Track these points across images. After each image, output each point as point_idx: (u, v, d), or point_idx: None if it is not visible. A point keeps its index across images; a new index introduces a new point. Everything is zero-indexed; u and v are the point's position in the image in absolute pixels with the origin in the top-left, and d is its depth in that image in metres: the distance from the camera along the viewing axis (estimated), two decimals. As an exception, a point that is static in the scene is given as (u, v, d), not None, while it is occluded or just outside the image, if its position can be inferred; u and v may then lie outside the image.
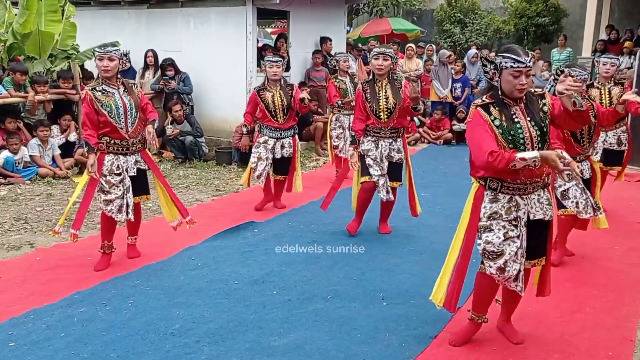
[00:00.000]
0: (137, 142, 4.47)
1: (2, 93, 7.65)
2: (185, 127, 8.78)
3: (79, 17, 9.52)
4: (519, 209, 3.21)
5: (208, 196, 6.85)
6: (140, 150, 4.52)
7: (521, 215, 3.22)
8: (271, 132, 5.96)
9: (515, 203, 3.21)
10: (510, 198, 3.21)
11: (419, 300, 4.05)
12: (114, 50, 4.37)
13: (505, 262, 3.18)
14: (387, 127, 5.14)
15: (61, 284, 4.23)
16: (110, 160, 4.38)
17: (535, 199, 3.25)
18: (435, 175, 7.81)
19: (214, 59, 9.26)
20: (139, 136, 4.48)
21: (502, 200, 3.22)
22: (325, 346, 3.43)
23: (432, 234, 5.46)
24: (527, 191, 3.21)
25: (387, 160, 5.19)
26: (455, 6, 16.38)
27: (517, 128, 3.11)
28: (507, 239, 3.19)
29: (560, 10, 15.33)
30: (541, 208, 3.26)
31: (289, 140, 6.01)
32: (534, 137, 3.14)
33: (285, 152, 5.99)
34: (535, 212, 3.25)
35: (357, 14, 16.65)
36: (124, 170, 4.42)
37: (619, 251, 5.17)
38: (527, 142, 3.13)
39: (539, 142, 3.16)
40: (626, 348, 3.51)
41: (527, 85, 3.11)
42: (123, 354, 3.31)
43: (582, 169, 4.73)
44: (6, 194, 6.64)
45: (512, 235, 3.19)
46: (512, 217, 3.20)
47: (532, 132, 3.14)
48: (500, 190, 3.21)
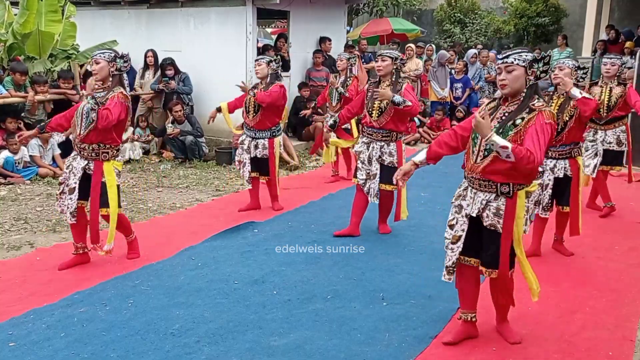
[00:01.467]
0: (89, 148, 4.34)
1: (2, 93, 7.65)
2: (186, 126, 8.78)
3: (79, 17, 9.53)
4: (465, 199, 3.34)
5: (208, 196, 6.86)
6: (95, 159, 4.37)
7: (463, 206, 3.34)
8: (247, 130, 6.05)
9: (465, 193, 3.35)
10: (465, 187, 3.37)
11: (419, 300, 4.05)
12: (99, 53, 4.36)
13: (446, 246, 3.40)
14: (379, 129, 5.16)
15: (61, 284, 4.23)
16: (70, 158, 4.50)
17: (482, 198, 3.25)
18: (435, 175, 7.80)
19: (214, 59, 9.25)
20: (94, 144, 4.33)
21: (462, 186, 3.40)
22: (325, 346, 3.43)
23: (432, 234, 5.45)
24: (473, 185, 3.30)
25: (378, 163, 5.20)
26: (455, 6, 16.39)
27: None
28: (450, 226, 3.41)
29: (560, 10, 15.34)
30: (484, 211, 3.25)
31: (264, 142, 5.96)
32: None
33: (259, 153, 5.97)
34: (474, 208, 3.28)
35: (357, 14, 16.66)
36: (70, 171, 4.44)
37: (619, 251, 5.17)
38: (478, 137, 3.21)
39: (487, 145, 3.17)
40: (626, 348, 3.51)
41: (509, 81, 3.15)
42: (123, 354, 3.31)
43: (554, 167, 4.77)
44: (6, 194, 6.64)
45: (452, 224, 3.39)
46: (457, 203, 3.39)
47: None
48: (465, 177, 3.40)
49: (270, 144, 5.97)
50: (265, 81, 5.93)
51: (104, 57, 4.34)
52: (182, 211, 6.22)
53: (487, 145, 3.13)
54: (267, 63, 5.91)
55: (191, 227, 5.57)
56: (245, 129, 6.06)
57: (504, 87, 3.18)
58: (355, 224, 5.34)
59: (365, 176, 5.19)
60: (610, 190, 6.21)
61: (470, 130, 3.32)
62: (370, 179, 5.19)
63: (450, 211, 3.44)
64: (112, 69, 4.36)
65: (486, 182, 3.23)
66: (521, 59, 3.13)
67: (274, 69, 5.95)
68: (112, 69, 4.36)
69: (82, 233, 4.57)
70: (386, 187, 5.24)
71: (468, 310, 3.51)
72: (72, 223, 4.50)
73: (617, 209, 6.24)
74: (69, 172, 4.45)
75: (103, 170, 4.38)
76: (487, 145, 3.14)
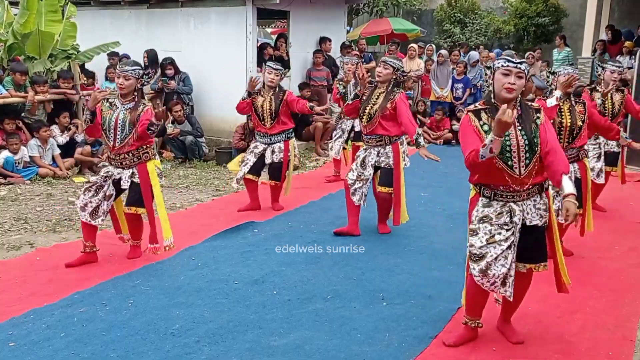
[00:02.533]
0: (130, 156, 4.46)
1: (2, 93, 7.65)
2: (186, 126, 8.79)
3: (79, 17, 9.53)
4: (514, 214, 3.23)
5: (208, 196, 6.86)
6: (138, 164, 4.49)
7: (516, 221, 3.23)
8: (261, 137, 6.04)
9: (509, 209, 3.23)
10: (504, 204, 3.25)
11: (419, 300, 4.05)
12: (131, 70, 4.41)
13: (487, 265, 3.19)
14: (371, 135, 5.19)
15: (61, 284, 4.23)
16: (106, 168, 4.55)
17: (531, 204, 3.26)
18: (435, 175, 7.81)
19: (214, 59, 9.26)
20: (134, 150, 4.45)
21: (496, 205, 3.26)
22: (325, 346, 3.43)
23: (432, 234, 5.46)
24: (521, 197, 3.24)
25: (372, 168, 5.22)
26: (455, 6, 16.38)
27: (505, 135, 3.08)
28: (491, 242, 3.20)
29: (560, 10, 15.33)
30: (537, 213, 3.27)
31: (279, 145, 6.00)
32: (521, 146, 3.16)
33: (275, 157, 6.00)
34: (531, 217, 3.27)
35: (357, 14, 16.65)
36: (110, 178, 4.52)
37: (619, 251, 5.17)
38: (513, 149, 3.16)
39: (526, 151, 3.17)
40: (626, 348, 3.51)
41: (517, 87, 3.10)
42: (123, 354, 3.31)
43: None
44: (6, 194, 6.64)
45: (498, 239, 3.20)
46: (502, 221, 3.22)
47: (519, 141, 3.16)
48: (494, 198, 3.26)
49: (286, 146, 6.01)
50: (274, 89, 5.95)
51: (134, 74, 4.41)
52: (182, 211, 6.22)
53: (527, 154, 3.15)
54: (280, 75, 5.95)
55: (191, 227, 5.56)
56: (259, 137, 6.05)
57: (511, 92, 3.10)
58: (353, 222, 5.35)
59: (356, 178, 5.21)
60: (610, 191, 6.22)
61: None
62: (359, 181, 5.20)
63: (481, 230, 3.23)
64: (138, 85, 4.47)
65: (534, 188, 3.26)
66: (527, 69, 3.16)
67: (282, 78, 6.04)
68: (139, 85, 4.47)
69: (94, 233, 4.65)
70: (382, 189, 5.25)
71: (476, 317, 3.49)
72: (90, 223, 4.53)
73: (617, 209, 6.24)
74: (109, 179, 4.53)
75: (148, 170, 4.50)
76: (526, 154, 3.15)
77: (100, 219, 4.56)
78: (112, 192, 4.56)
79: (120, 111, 4.44)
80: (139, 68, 4.47)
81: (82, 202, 4.51)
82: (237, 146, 8.32)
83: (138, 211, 4.59)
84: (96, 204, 4.51)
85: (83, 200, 4.51)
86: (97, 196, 4.51)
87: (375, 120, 5.14)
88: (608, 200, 6.46)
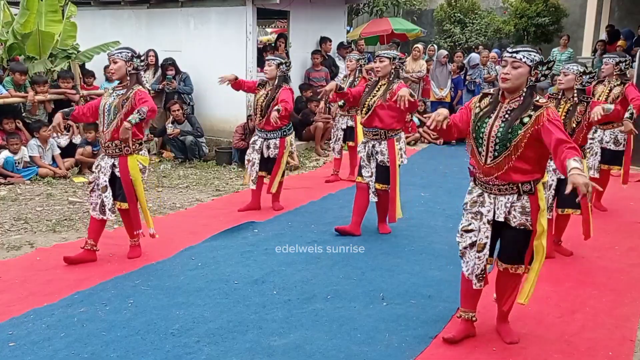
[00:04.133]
0: (112, 145, 4.47)
1: (2, 93, 7.65)
2: (186, 126, 8.78)
3: (79, 17, 9.52)
4: (484, 205, 3.31)
5: (208, 196, 6.86)
6: (119, 155, 4.49)
7: (484, 212, 3.30)
8: (258, 131, 6.05)
9: (482, 199, 3.32)
10: (480, 193, 3.34)
11: (419, 300, 4.05)
12: (118, 52, 4.41)
13: (463, 252, 3.38)
14: (369, 128, 5.19)
15: (61, 284, 4.23)
16: (98, 158, 4.62)
17: (504, 201, 3.27)
18: (435, 175, 7.81)
19: (214, 59, 9.25)
20: (117, 140, 4.44)
21: (474, 193, 3.38)
22: (325, 346, 3.43)
23: (432, 234, 5.46)
24: (492, 191, 3.28)
25: (373, 162, 5.24)
26: (455, 6, 16.38)
27: (484, 122, 3.24)
28: (467, 231, 3.35)
29: (560, 10, 15.34)
30: (512, 214, 3.26)
31: (275, 141, 5.97)
32: (492, 137, 3.20)
33: (271, 153, 6.00)
34: (500, 213, 3.28)
35: (357, 14, 16.65)
36: (99, 171, 4.55)
37: (619, 251, 5.17)
38: (484, 137, 3.22)
39: (496, 143, 3.19)
40: (626, 348, 3.51)
41: (512, 76, 3.14)
42: (123, 354, 3.31)
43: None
44: (6, 194, 6.64)
45: (470, 229, 3.34)
46: (474, 210, 3.35)
47: (493, 131, 3.20)
48: (475, 183, 3.39)
49: (282, 143, 5.98)
50: (272, 82, 5.92)
51: (121, 56, 4.41)
52: (182, 211, 6.22)
53: (496, 145, 3.18)
54: (277, 65, 5.88)
55: (191, 227, 5.57)
56: (257, 130, 6.07)
57: (505, 81, 3.17)
58: (356, 222, 5.35)
59: (370, 174, 5.22)
60: (610, 191, 6.21)
61: (467, 123, 3.35)
62: (372, 176, 5.22)
63: (464, 217, 3.41)
64: (129, 68, 4.43)
65: (506, 185, 3.24)
66: (529, 58, 3.13)
67: (283, 71, 5.91)
68: (130, 68, 4.44)
69: (99, 231, 4.67)
70: (378, 186, 5.25)
71: (470, 310, 3.52)
72: (99, 218, 4.58)
73: (617, 209, 6.24)
74: (98, 172, 4.57)
75: (128, 165, 4.49)
76: (496, 146, 3.19)
77: (109, 214, 4.57)
78: (105, 183, 4.54)
79: (112, 96, 4.47)
80: (127, 51, 4.46)
81: (91, 203, 4.59)
82: (237, 146, 8.32)
83: (122, 206, 4.62)
84: (99, 199, 4.55)
85: (90, 201, 4.60)
86: (103, 193, 4.55)
87: (372, 112, 5.13)
88: (608, 200, 6.47)
